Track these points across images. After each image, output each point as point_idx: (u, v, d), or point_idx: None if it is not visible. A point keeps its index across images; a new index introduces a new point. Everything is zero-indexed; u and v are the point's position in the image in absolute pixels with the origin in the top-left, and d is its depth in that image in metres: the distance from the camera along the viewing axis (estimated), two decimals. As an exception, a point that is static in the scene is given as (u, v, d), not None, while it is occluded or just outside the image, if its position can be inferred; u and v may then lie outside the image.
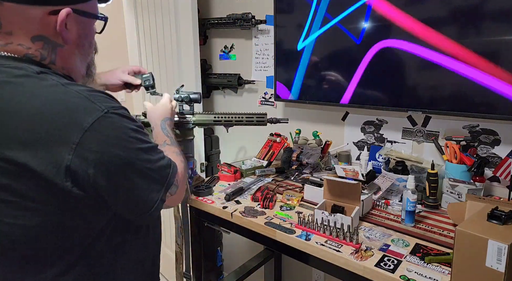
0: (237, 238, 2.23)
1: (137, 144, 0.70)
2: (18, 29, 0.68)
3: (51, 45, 0.71)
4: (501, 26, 1.18)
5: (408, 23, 1.34)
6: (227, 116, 1.39)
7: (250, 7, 1.93)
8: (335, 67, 1.60)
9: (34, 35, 0.69)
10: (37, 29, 0.69)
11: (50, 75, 0.69)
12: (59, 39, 0.72)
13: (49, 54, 0.72)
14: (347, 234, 1.07)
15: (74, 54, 0.76)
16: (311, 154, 1.64)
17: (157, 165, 0.75)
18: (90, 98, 0.67)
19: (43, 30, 0.69)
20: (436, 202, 1.28)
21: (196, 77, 1.93)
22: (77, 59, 0.77)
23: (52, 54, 0.72)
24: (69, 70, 0.76)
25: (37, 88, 0.65)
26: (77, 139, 0.63)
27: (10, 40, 0.68)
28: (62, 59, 0.74)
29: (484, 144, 1.37)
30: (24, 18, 0.67)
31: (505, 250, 0.76)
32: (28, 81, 0.66)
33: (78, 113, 0.64)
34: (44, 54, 0.71)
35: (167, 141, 0.97)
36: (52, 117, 0.63)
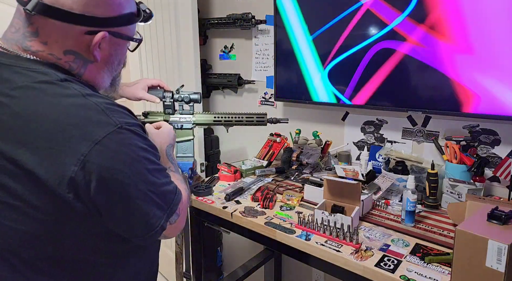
0: (237, 238, 2.23)
1: (145, 164, 0.69)
2: (53, 42, 0.69)
3: (82, 60, 0.73)
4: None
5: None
6: (227, 116, 1.39)
7: (250, 7, 1.93)
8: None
9: (67, 50, 0.70)
10: (71, 45, 0.70)
11: (73, 83, 0.69)
12: (91, 56, 0.73)
13: (78, 68, 0.73)
14: (347, 234, 1.07)
15: (103, 71, 0.78)
16: (311, 154, 1.64)
17: (162, 189, 0.73)
18: (107, 111, 0.66)
19: (77, 46, 0.71)
20: (436, 202, 1.28)
21: (196, 77, 1.93)
22: (104, 75, 0.79)
23: (82, 68, 0.74)
24: (93, 82, 0.77)
25: (57, 97, 0.66)
26: (85, 152, 0.62)
27: (43, 48, 0.69)
28: (90, 74, 0.76)
29: (484, 144, 1.37)
30: (61, 34, 0.68)
31: (505, 250, 0.76)
32: (50, 88, 0.66)
33: (91, 126, 0.64)
34: (73, 66, 0.72)
35: (171, 168, 0.94)
36: (66, 127, 0.63)
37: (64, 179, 0.62)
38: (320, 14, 1.58)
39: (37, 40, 0.68)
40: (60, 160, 0.62)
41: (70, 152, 0.62)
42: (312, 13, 1.61)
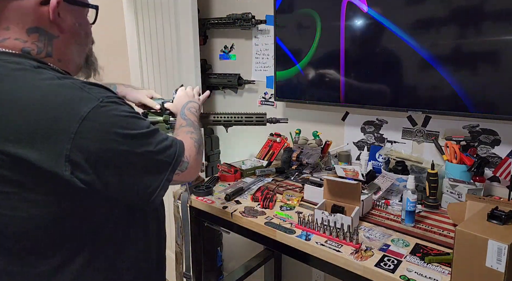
0: (237, 238, 2.23)
1: (135, 130, 0.71)
2: (14, 24, 0.70)
3: (47, 36, 0.73)
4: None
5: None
6: (226, 116, 1.39)
7: (250, 7, 1.93)
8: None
9: (29, 27, 0.71)
10: (32, 21, 0.71)
11: (47, 70, 0.70)
12: (55, 30, 0.74)
13: (45, 46, 0.73)
14: (347, 234, 1.07)
15: (71, 44, 0.78)
16: (311, 154, 1.64)
17: (159, 147, 0.75)
18: (85, 89, 0.68)
19: (37, 21, 0.71)
20: (436, 202, 1.28)
21: (196, 77, 1.93)
22: (73, 50, 0.79)
23: (49, 46, 0.74)
24: (66, 62, 0.78)
25: (35, 81, 0.66)
26: (75, 129, 0.63)
27: (8, 35, 0.70)
28: (59, 51, 0.76)
29: (484, 144, 1.36)
30: (18, 12, 0.69)
31: (505, 250, 0.76)
32: (26, 74, 0.67)
33: (75, 103, 0.65)
34: (40, 47, 0.73)
35: (183, 124, 1.00)
36: (51, 108, 0.64)
37: (60, 158, 0.63)
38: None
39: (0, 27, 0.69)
40: (52, 141, 0.63)
41: (59, 132, 0.63)
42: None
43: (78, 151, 0.64)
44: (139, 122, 0.73)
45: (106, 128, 0.67)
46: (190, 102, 1.15)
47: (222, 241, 2.29)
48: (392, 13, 1.39)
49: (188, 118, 1.04)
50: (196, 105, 1.15)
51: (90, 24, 0.84)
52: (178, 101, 1.18)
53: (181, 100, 1.18)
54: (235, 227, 1.32)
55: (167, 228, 0.98)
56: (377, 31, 1.44)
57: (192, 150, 0.85)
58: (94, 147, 0.65)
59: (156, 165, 0.74)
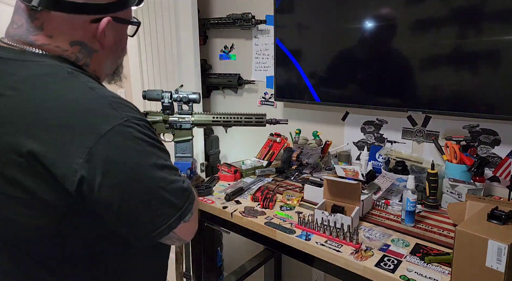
0: (237, 238, 2.23)
1: (153, 159, 0.66)
2: (59, 34, 0.69)
3: (88, 50, 0.73)
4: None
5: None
6: (225, 116, 1.39)
7: (250, 7, 1.93)
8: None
9: (74, 41, 0.71)
10: (78, 35, 0.70)
11: (80, 76, 0.69)
12: (96, 45, 0.73)
13: (84, 58, 0.73)
14: (347, 234, 1.07)
15: (107, 58, 0.78)
16: (311, 154, 1.64)
17: (174, 186, 0.69)
18: (114, 105, 0.65)
19: (83, 36, 0.71)
20: (436, 202, 1.28)
21: (196, 77, 1.93)
22: (109, 63, 0.79)
23: (88, 58, 0.74)
24: (99, 73, 0.78)
25: (63, 89, 0.65)
26: (91, 144, 0.61)
27: (49, 42, 0.69)
28: (96, 63, 0.76)
29: (484, 144, 1.36)
30: (67, 26, 0.69)
31: (505, 250, 0.76)
32: (55, 80, 0.66)
33: (97, 118, 0.63)
34: (79, 57, 0.73)
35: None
36: (71, 119, 0.62)
37: (69, 171, 0.61)
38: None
39: (42, 34, 0.68)
40: (66, 152, 0.61)
41: (75, 144, 0.61)
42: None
43: (88, 168, 0.61)
44: (159, 152, 0.69)
45: (123, 150, 0.63)
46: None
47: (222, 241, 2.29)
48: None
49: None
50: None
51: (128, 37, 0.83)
52: None
53: None
54: (235, 227, 1.32)
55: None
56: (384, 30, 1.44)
57: (197, 205, 0.77)
58: (106, 166, 0.62)
59: (167, 205, 0.68)
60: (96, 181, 0.62)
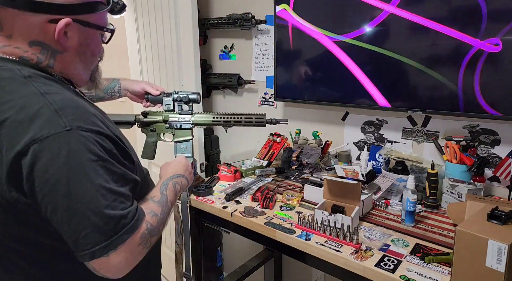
0: (237, 238, 2.23)
1: (89, 177, 0.63)
2: (18, 34, 0.69)
3: (50, 51, 0.72)
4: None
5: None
6: (225, 116, 1.39)
7: (250, 7, 1.93)
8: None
9: (32, 40, 0.70)
10: (36, 35, 0.70)
11: (37, 80, 0.68)
12: (59, 46, 0.72)
13: (46, 58, 0.72)
14: (347, 234, 1.07)
15: (75, 61, 0.76)
16: (311, 154, 1.64)
17: (106, 212, 0.63)
18: (60, 112, 0.63)
19: (42, 36, 0.70)
20: (436, 202, 1.28)
21: (196, 77, 1.93)
22: (78, 66, 0.78)
23: (51, 59, 0.73)
24: (69, 75, 0.77)
25: (14, 93, 0.65)
26: (21, 148, 0.60)
27: (9, 43, 0.69)
28: (62, 65, 0.74)
29: (484, 144, 1.36)
30: (24, 24, 0.68)
31: (505, 250, 0.76)
32: (9, 85, 0.66)
33: (36, 123, 0.62)
34: (41, 58, 0.72)
35: (155, 198, 0.82)
36: (13, 123, 0.63)
37: (3, 172, 0.62)
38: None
39: (1, 34, 0.69)
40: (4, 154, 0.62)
41: (10, 148, 0.61)
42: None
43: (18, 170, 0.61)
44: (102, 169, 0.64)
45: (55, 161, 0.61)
46: (181, 177, 0.96)
47: (222, 241, 2.30)
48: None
49: (166, 194, 0.85)
50: (185, 182, 0.98)
51: (101, 44, 0.82)
52: (169, 167, 0.99)
53: (175, 166, 1.00)
54: (235, 227, 1.32)
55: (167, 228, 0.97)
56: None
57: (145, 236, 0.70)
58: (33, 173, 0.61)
59: (92, 229, 0.63)
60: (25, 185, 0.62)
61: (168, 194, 0.86)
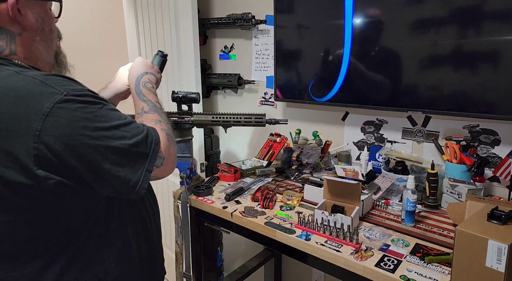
0: (237, 238, 2.23)
1: (106, 122, 0.68)
2: None
3: (8, 34, 0.70)
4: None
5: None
6: (225, 116, 1.39)
7: (250, 7, 1.93)
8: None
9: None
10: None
11: (7, 65, 0.68)
12: (16, 27, 0.71)
13: (7, 44, 0.71)
14: (347, 234, 1.07)
15: (35, 41, 0.74)
16: (311, 154, 1.64)
17: (136, 139, 0.71)
18: (47, 82, 0.65)
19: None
20: (436, 202, 1.28)
21: (196, 77, 1.93)
22: (39, 47, 0.76)
23: (12, 44, 0.71)
24: (33, 60, 0.75)
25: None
26: (39, 126, 0.61)
27: None
28: (23, 48, 0.73)
29: (484, 144, 1.36)
30: None
31: (505, 250, 0.76)
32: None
33: (34, 99, 0.62)
34: (2, 45, 0.70)
35: (145, 108, 0.87)
36: (8, 108, 0.62)
37: (29, 159, 0.62)
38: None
39: None
40: (17, 142, 0.62)
41: (23, 131, 0.61)
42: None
43: (46, 149, 0.62)
44: (111, 113, 0.70)
45: (73, 123, 0.64)
46: (146, 74, 0.96)
47: (222, 241, 2.30)
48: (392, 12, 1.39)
49: (148, 99, 0.90)
50: (153, 78, 0.98)
51: (54, 19, 0.80)
52: (133, 69, 0.99)
53: (135, 68, 0.99)
54: (235, 227, 1.32)
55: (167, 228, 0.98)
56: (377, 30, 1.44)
57: (166, 143, 0.79)
58: (62, 144, 0.63)
59: (134, 158, 0.71)
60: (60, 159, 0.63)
61: (150, 98, 0.90)
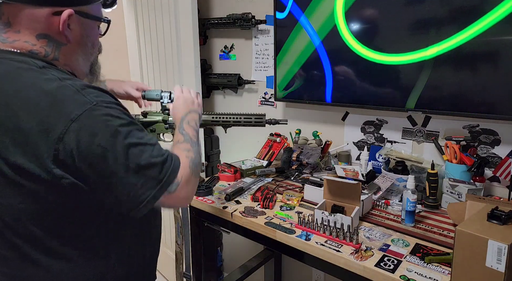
0: (237, 238, 2.23)
1: (126, 139, 0.70)
2: (25, 28, 0.73)
3: (55, 43, 0.76)
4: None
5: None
6: (225, 116, 1.39)
7: (250, 7, 1.93)
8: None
9: (39, 33, 0.74)
10: (42, 28, 0.74)
11: (51, 70, 0.73)
12: (62, 38, 0.77)
13: (52, 51, 0.77)
14: (347, 234, 1.07)
15: (77, 53, 0.81)
16: (311, 154, 1.64)
17: (150, 162, 0.72)
18: (82, 91, 0.70)
19: (47, 29, 0.75)
20: (436, 202, 1.28)
21: (196, 77, 1.93)
22: (79, 58, 0.82)
23: (56, 51, 0.77)
24: (71, 67, 0.81)
25: (35, 80, 0.70)
26: (64, 129, 0.66)
27: (18, 38, 0.74)
28: (65, 57, 0.79)
29: (484, 144, 1.36)
30: (30, 18, 0.73)
31: (505, 250, 0.76)
32: (29, 73, 0.71)
33: (67, 104, 0.67)
34: (48, 51, 0.76)
35: (180, 140, 0.91)
36: (44, 108, 0.67)
37: (49, 157, 0.67)
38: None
39: (11, 30, 0.73)
40: (44, 140, 0.66)
41: (49, 131, 0.66)
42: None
43: (65, 152, 0.67)
44: (135, 131, 0.73)
45: (94, 132, 0.67)
46: (190, 113, 1.03)
47: (222, 241, 2.30)
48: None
49: (187, 132, 0.94)
50: (196, 116, 1.04)
51: (99, 36, 0.87)
52: (177, 110, 1.05)
53: (179, 108, 1.05)
54: (235, 227, 1.32)
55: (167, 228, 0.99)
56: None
57: (186, 170, 0.79)
58: (81, 149, 0.67)
59: (145, 178, 0.71)
60: (74, 162, 0.68)
61: (188, 132, 0.94)
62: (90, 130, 0.67)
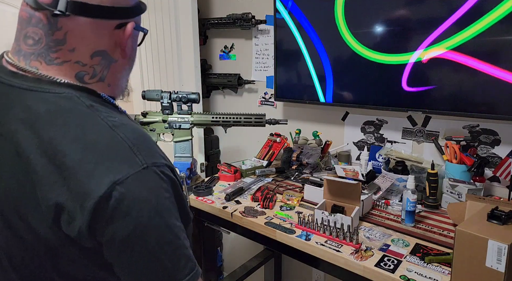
0: (237, 238, 2.23)
1: (166, 217, 0.61)
2: (83, 46, 0.63)
3: (107, 60, 0.67)
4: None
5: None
6: (225, 116, 1.39)
7: (250, 7, 1.93)
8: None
9: (96, 51, 0.65)
10: (103, 44, 0.65)
11: (100, 110, 0.63)
12: (116, 54, 0.68)
13: (101, 70, 0.67)
14: (347, 234, 1.07)
15: (125, 69, 0.72)
16: (311, 154, 1.64)
17: (179, 252, 0.62)
18: (134, 149, 0.60)
19: (107, 45, 0.65)
20: (436, 202, 1.28)
21: (196, 77, 1.93)
22: (124, 74, 0.73)
23: (105, 70, 0.68)
24: (114, 87, 0.71)
25: (83, 126, 0.60)
26: (105, 192, 0.56)
27: (70, 58, 0.63)
28: (112, 75, 0.69)
29: (484, 144, 1.36)
30: (93, 33, 0.63)
31: (505, 250, 0.76)
32: (76, 116, 0.61)
33: (115, 164, 0.58)
34: (97, 70, 0.66)
35: None
36: (89, 163, 0.58)
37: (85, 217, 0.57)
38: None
39: (63, 48, 0.62)
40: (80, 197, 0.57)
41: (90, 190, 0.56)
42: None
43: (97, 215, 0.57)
44: (173, 209, 0.63)
45: (136, 203, 0.58)
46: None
47: (222, 241, 2.30)
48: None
49: None
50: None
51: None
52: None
53: None
54: (235, 227, 1.32)
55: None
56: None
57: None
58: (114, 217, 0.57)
59: (167, 269, 0.60)
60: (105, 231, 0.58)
61: None
62: (131, 197, 0.58)
